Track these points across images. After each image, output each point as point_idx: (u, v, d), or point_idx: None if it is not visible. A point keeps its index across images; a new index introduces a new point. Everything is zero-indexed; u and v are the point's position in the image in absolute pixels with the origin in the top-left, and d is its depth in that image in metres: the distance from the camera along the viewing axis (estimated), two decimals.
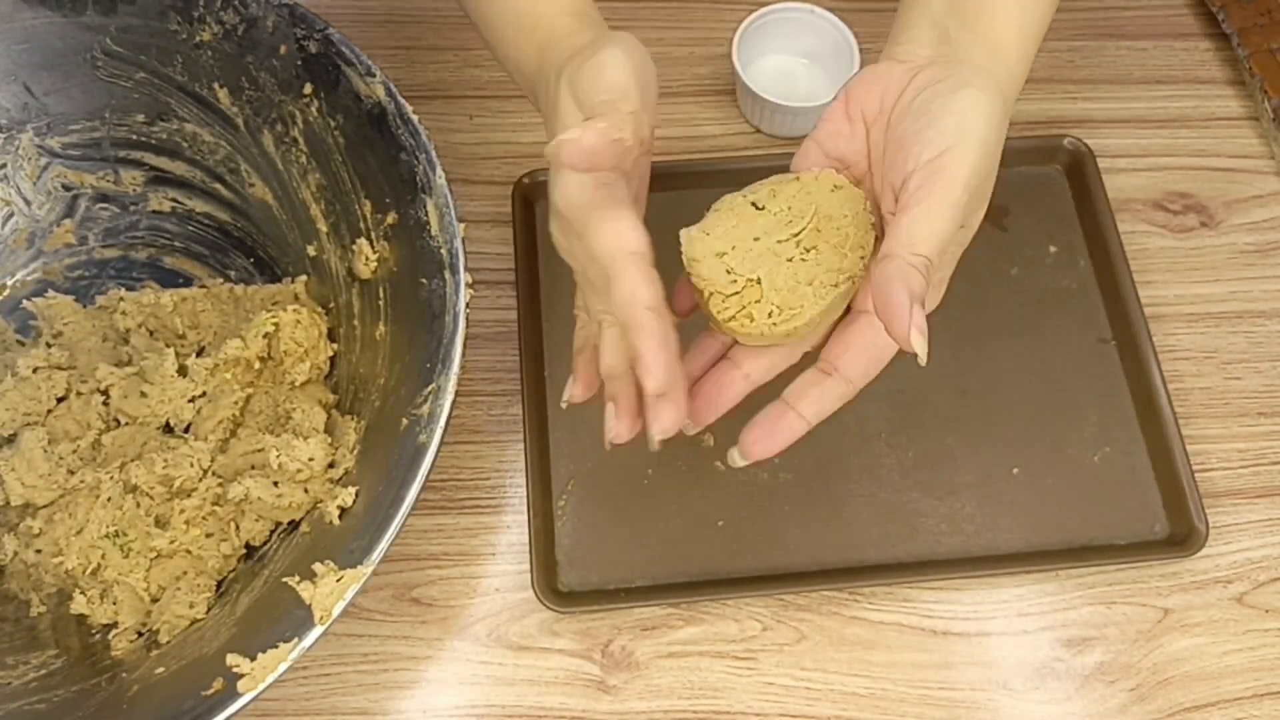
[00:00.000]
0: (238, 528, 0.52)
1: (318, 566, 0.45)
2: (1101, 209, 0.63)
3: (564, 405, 0.46)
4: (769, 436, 0.43)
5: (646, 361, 0.39)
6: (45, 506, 0.52)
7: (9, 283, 0.60)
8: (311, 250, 0.57)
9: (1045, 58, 0.70)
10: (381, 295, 0.53)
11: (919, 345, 0.37)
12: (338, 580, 0.44)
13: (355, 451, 0.51)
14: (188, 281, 0.60)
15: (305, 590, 0.45)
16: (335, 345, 0.56)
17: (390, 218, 0.52)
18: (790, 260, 0.43)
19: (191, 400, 0.54)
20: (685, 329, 0.43)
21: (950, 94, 0.41)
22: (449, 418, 0.47)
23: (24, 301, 0.59)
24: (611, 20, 0.48)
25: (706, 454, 0.58)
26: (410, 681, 0.54)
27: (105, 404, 0.55)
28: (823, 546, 0.56)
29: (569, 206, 0.41)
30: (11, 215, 0.60)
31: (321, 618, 0.44)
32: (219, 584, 0.52)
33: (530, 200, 0.64)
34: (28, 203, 0.60)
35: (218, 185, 0.60)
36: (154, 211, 0.61)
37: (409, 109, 0.52)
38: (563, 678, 0.54)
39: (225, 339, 0.54)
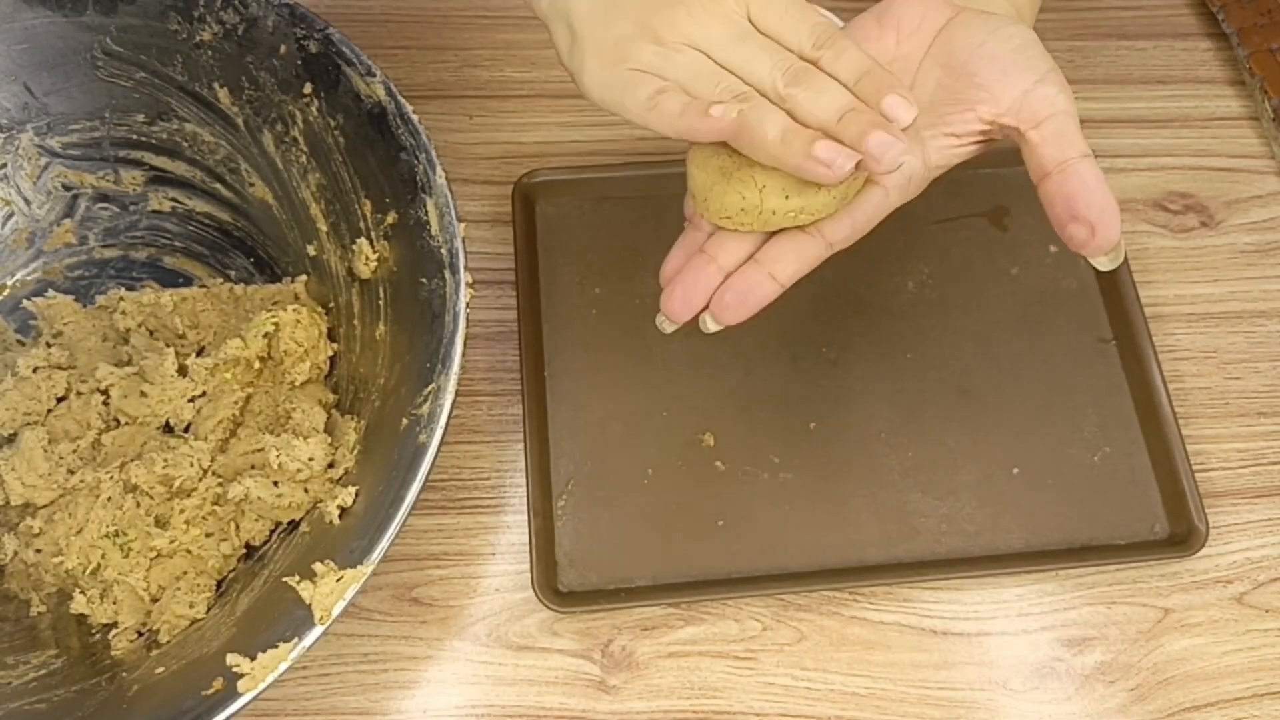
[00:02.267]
0: (238, 527, 0.52)
1: (318, 566, 0.45)
2: None
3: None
4: (741, 301, 0.44)
5: None
6: (45, 506, 0.52)
7: (9, 283, 0.60)
8: (311, 250, 0.57)
9: None
10: (381, 295, 0.53)
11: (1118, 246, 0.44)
12: (338, 580, 0.44)
13: (355, 451, 0.51)
14: (188, 281, 0.60)
15: (305, 590, 0.45)
16: (335, 345, 0.56)
17: (390, 217, 0.52)
18: None
19: (191, 400, 0.54)
20: None
21: (1018, 29, 0.44)
22: (449, 418, 0.47)
23: (24, 301, 0.58)
24: None
25: (706, 454, 0.58)
26: (410, 681, 0.54)
27: (105, 404, 0.55)
28: (823, 546, 0.56)
29: None
30: (11, 215, 0.60)
31: (321, 618, 0.44)
32: (219, 584, 0.52)
33: (530, 200, 0.64)
34: (28, 202, 0.60)
35: (218, 185, 0.60)
36: (154, 211, 0.61)
37: (409, 109, 0.52)
38: (563, 678, 0.54)
39: (225, 339, 0.54)
